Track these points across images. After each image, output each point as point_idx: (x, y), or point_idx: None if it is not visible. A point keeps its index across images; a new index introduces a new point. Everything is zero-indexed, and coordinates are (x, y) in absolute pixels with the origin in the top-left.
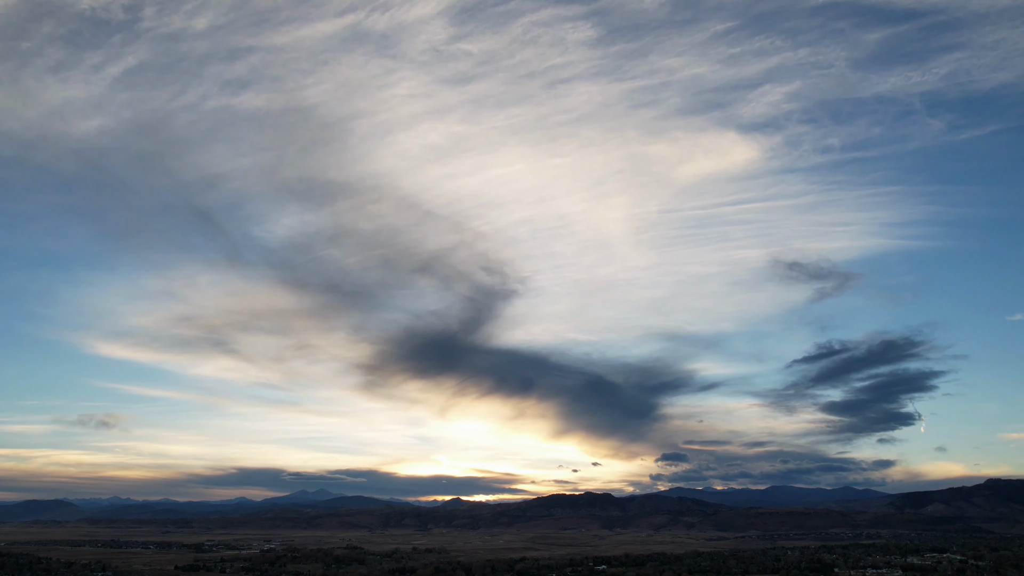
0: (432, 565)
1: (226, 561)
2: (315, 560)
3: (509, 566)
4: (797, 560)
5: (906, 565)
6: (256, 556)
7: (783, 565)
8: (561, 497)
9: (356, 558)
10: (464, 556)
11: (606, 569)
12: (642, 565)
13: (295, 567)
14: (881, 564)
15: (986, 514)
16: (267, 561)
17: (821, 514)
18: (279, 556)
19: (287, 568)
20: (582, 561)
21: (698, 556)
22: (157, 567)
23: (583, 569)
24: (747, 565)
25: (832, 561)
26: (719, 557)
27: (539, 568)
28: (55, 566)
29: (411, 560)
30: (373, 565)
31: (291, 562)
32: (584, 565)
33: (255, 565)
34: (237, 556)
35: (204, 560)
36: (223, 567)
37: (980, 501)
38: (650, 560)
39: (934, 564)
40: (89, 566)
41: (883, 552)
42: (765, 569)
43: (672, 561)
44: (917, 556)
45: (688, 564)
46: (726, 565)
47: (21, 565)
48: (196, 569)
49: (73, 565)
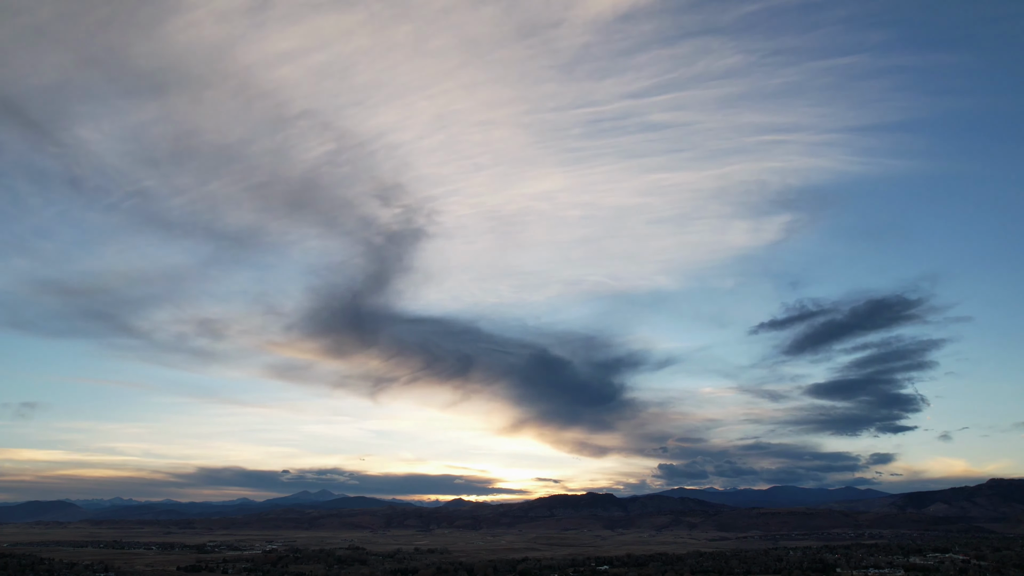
0: (434, 565)
1: (228, 562)
2: (317, 560)
3: (511, 566)
4: (799, 560)
5: (908, 565)
6: (258, 557)
7: (785, 565)
8: (563, 497)
9: (358, 558)
10: (466, 556)
11: (608, 569)
12: (644, 565)
13: (297, 567)
14: (883, 564)
15: (989, 514)
16: (269, 562)
17: (823, 514)
18: (281, 557)
19: (289, 568)
20: (584, 561)
21: (700, 556)
22: (160, 568)
23: (585, 569)
24: (749, 565)
25: (834, 561)
26: (721, 557)
27: (541, 568)
28: (57, 567)
29: (413, 560)
30: (375, 565)
31: (293, 563)
32: (586, 565)
33: (257, 566)
34: (239, 557)
35: (206, 561)
36: (225, 568)
37: (983, 501)
38: (652, 560)
39: (936, 564)
40: (91, 567)
41: (885, 552)
42: (767, 569)
43: (674, 561)
44: (919, 556)
45: (690, 564)
46: (728, 565)
47: (23, 566)
48: (198, 570)
49: (75, 566)
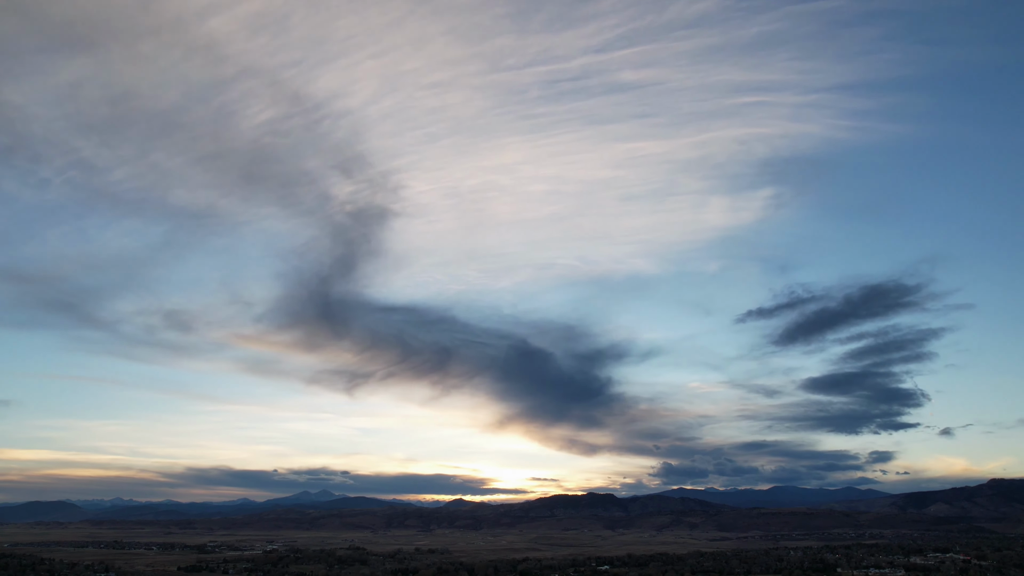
0: (435, 566)
1: (229, 562)
2: (318, 561)
3: (512, 566)
4: (800, 560)
5: (909, 565)
6: (259, 557)
7: (786, 565)
8: (563, 498)
9: (359, 559)
10: (467, 557)
11: (609, 569)
12: (645, 565)
13: (298, 568)
14: (884, 564)
15: (990, 514)
16: (270, 562)
17: (824, 514)
18: (282, 557)
19: (290, 569)
20: (585, 561)
21: (701, 556)
22: (160, 568)
23: (586, 569)
24: (750, 565)
25: (835, 561)
26: (722, 557)
27: (542, 568)
28: (58, 567)
29: (414, 561)
30: (376, 566)
31: (294, 563)
32: (587, 565)
33: (258, 566)
34: (240, 557)
35: (207, 561)
36: (226, 568)
37: (984, 501)
38: (653, 560)
39: (937, 564)
40: (92, 567)
41: (886, 552)
42: (768, 569)
43: (675, 561)
44: (920, 556)
45: (691, 564)
46: (729, 565)
47: (24, 566)
48: (199, 570)
49: (76, 566)
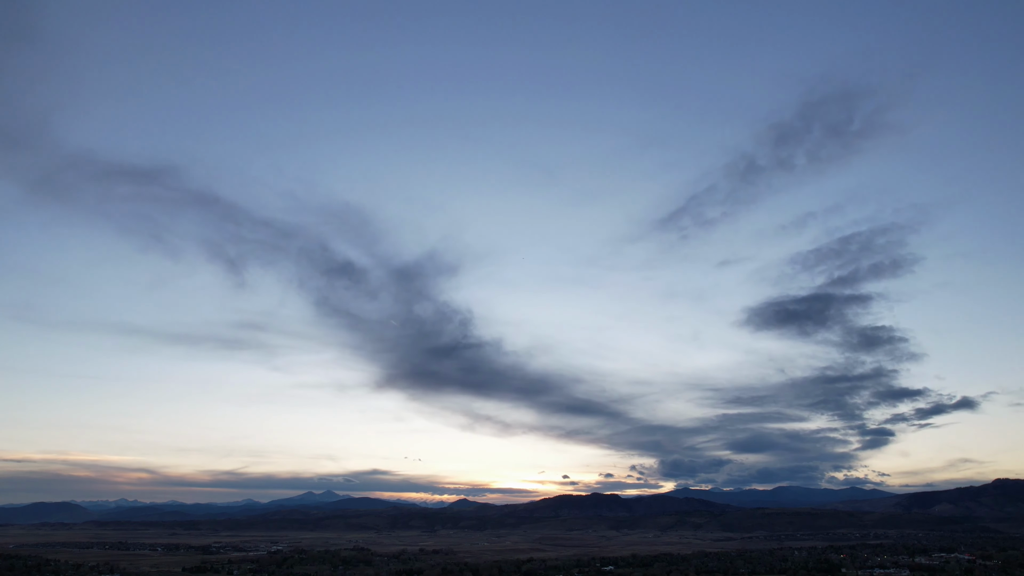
0: (439, 566)
1: (233, 563)
2: (322, 561)
3: (516, 567)
4: (804, 560)
5: (914, 565)
6: (263, 557)
7: (790, 565)
8: (568, 498)
9: (363, 559)
10: (471, 557)
11: (613, 570)
12: (649, 566)
13: (302, 568)
14: (888, 564)
15: (994, 514)
16: (274, 562)
17: (828, 514)
18: (286, 557)
19: (294, 569)
20: (589, 562)
21: (705, 556)
22: (165, 569)
23: (590, 570)
24: (754, 565)
25: (839, 561)
26: (726, 557)
27: (546, 569)
28: (63, 568)
29: (418, 561)
30: (380, 566)
31: (298, 563)
32: (591, 566)
33: (262, 566)
34: (244, 558)
35: (211, 562)
36: (230, 568)
37: (988, 501)
38: (657, 560)
39: (942, 564)
40: (97, 568)
41: (890, 552)
42: (772, 569)
43: (679, 561)
44: (925, 556)
45: (695, 564)
46: (733, 565)
47: (29, 567)
48: (203, 571)
49: (81, 567)
